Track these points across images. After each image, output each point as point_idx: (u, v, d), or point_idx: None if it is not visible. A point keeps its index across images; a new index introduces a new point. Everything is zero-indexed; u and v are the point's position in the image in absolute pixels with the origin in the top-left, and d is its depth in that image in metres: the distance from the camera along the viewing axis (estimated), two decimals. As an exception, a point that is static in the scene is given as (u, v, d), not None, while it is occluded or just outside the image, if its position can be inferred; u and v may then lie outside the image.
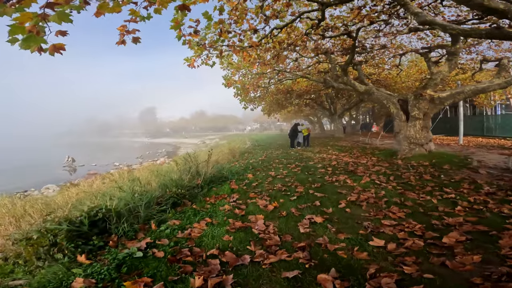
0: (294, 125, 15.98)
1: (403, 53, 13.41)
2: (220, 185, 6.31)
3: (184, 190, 5.12)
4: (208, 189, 5.92)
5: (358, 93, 11.57)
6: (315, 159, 9.95)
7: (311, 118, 41.25)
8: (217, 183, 6.47)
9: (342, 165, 8.36)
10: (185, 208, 4.60)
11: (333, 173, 7.07)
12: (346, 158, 9.75)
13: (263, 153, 13.13)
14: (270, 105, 19.90)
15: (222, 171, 7.32)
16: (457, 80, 15.98)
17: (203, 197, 5.29)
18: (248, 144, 24.22)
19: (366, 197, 4.70)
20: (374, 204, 4.38)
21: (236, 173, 7.57)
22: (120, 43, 4.41)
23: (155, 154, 33.91)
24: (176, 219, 4.09)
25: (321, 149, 13.57)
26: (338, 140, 20.72)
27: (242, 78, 12.05)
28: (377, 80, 16.88)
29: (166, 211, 4.39)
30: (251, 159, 11.11)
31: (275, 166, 8.66)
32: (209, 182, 6.30)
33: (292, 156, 11.05)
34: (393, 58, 14.71)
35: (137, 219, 4.06)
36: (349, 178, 6.35)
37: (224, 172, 7.31)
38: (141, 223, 4.00)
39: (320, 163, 8.81)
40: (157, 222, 4.03)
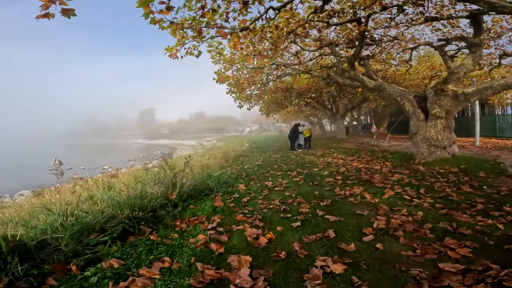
0: (294, 125, 14.64)
1: (414, 46, 12.08)
2: (201, 200, 4.95)
3: (144, 213, 3.73)
4: (184, 207, 4.55)
5: (367, 89, 10.25)
6: (319, 164, 8.59)
7: (311, 118, 39.93)
8: (198, 197, 5.10)
9: (352, 172, 6.99)
10: (139, 238, 3.22)
11: (344, 184, 5.70)
12: (355, 163, 8.38)
13: (260, 157, 11.77)
14: (269, 105, 18.52)
15: (207, 180, 5.95)
16: (471, 77, 14.66)
17: (172, 220, 3.92)
18: (245, 146, 22.85)
19: (399, 222, 3.34)
20: (416, 234, 3.02)
21: (225, 183, 6.19)
22: (42, 16, 3.13)
23: (149, 157, 32.50)
24: (119, 258, 2.73)
25: (325, 152, 12.21)
26: (341, 141, 19.37)
27: (236, 73, 10.70)
28: (383, 77, 15.54)
29: (107, 243, 3.01)
30: (246, 164, 9.75)
31: (273, 174, 7.29)
32: (186, 197, 4.93)
33: (293, 161, 9.69)
34: (402, 53, 13.38)
35: (59, 254, 2.70)
36: (366, 190, 4.98)
37: (210, 182, 5.94)
38: (62, 261, 2.64)
39: (326, 170, 7.45)
40: (86, 261, 2.66)
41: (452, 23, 10.28)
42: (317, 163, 8.69)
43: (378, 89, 9.69)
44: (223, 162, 10.64)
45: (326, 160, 9.35)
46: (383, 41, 11.32)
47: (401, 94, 9.21)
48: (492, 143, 13.66)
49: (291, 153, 12.81)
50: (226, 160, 11.01)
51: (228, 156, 11.62)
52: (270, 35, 8.38)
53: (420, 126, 8.54)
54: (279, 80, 15.99)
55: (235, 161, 11.18)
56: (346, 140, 21.07)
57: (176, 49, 6.95)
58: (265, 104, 18.83)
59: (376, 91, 9.80)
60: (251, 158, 11.86)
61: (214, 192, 5.40)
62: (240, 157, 12.43)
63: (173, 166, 5.60)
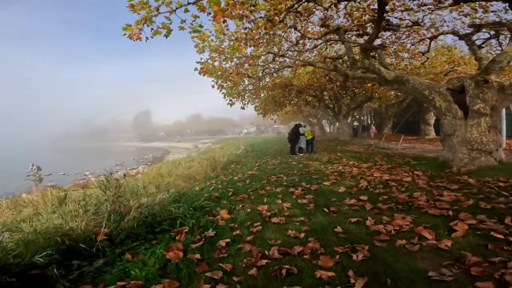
0: (295, 126, 12.78)
1: (435, 35, 10.28)
2: (151, 242, 3.04)
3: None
4: (114, 256, 2.65)
5: (384, 82, 8.42)
6: (329, 174, 6.71)
7: (310, 119, 38.10)
8: (148, 236, 3.20)
9: (379, 187, 5.13)
10: None
11: (376, 209, 3.83)
12: (376, 172, 6.52)
13: (255, 164, 9.89)
14: (265, 103, 16.65)
15: (172, 204, 4.03)
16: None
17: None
18: (241, 149, 20.96)
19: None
20: None
21: (200, 207, 4.30)
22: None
23: (139, 161, 30.49)
24: None
25: (331, 157, 10.35)
26: (345, 144, 17.53)
27: (225, 62, 8.81)
28: None
29: None
30: (237, 174, 7.87)
31: (270, 191, 5.39)
32: (125, 236, 3.03)
33: (295, 169, 7.81)
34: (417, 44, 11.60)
35: None
36: (417, 222, 3.11)
37: (178, 207, 4.02)
38: None
39: (341, 184, 5.58)
40: None
41: (485, 6, 8.51)
42: (326, 173, 6.81)
43: (399, 82, 7.87)
44: (209, 171, 8.73)
45: (336, 168, 7.48)
46: (401, 26, 9.53)
47: (429, 87, 7.41)
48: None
49: (292, 158, 10.94)
50: (213, 169, 9.09)
51: (216, 163, 9.67)
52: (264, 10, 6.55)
53: (457, 126, 6.71)
54: (277, 75, 14.14)
55: (225, 169, 9.29)
56: (350, 142, 19.24)
57: (138, 28, 5.09)
58: (261, 103, 16.95)
59: (396, 83, 7.98)
60: (244, 165, 9.99)
61: (178, 225, 3.50)
62: (231, 164, 10.54)
63: (117, 184, 3.69)
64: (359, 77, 9.55)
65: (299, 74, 14.73)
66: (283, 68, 11.27)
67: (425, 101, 7.69)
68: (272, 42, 9.77)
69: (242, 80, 10.51)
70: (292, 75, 13.83)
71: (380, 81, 8.58)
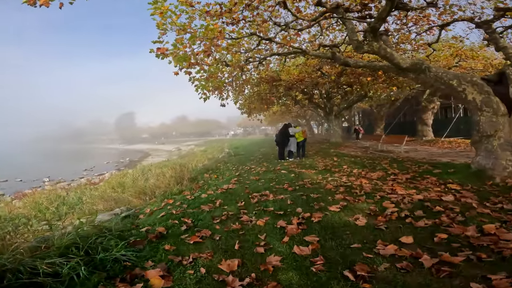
0: (284, 126, 10.96)
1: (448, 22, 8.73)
2: None
3: None
4: None
5: (397, 70, 6.72)
6: (331, 189, 4.89)
7: (299, 120, 36.54)
8: None
9: (418, 214, 3.33)
10: None
11: (446, 266, 2.00)
12: (397, 187, 4.75)
13: (236, 172, 7.98)
14: (250, 101, 14.73)
15: (61, 250, 2.04)
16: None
17: None
18: (224, 152, 18.97)
19: None
20: None
21: (111, 261, 2.34)
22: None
23: (113, 165, 27.84)
24: None
25: (327, 163, 8.60)
26: (338, 146, 15.91)
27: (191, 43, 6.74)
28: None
29: None
30: (207, 189, 5.90)
31: (247, 225, 3.50)
32: None
33: (285, 181, 5.95)
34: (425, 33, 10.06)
35: None
36: None
37: (69, 256, 2.03)
38: None
39: (356, 208, 3.75)
40: None
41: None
42: (329, 188, 4.97)
43: (416, 70, 6.19)
44: (173, 184, 6.68)
45: (340, 180, 5.68)
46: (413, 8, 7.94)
47: (457, 76, 5.78)
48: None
49: (280, 164, 9.09)
50: (178, 181, 7.03)
51: (183, 174, 7.52)
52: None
53: (499, 124, 5.08)
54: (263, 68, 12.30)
55: (195, 181, 7.29)
56: (343, 144, 17.66)
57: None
58: (245, 100, 15.03)
59: (413, 72, 6.29)
60: (222, 173, 8.05)
61: None
62: (206, 172, 8.55)
63: None
64: (363, 66, 7.83)
65: (288, 68, 12.96)
66: (270, 56, 9.42)
67: (452, 93, 6.04)
68: (255, 22, 7.95)
69: (217, 69, 8.60)
70: (280, 68, 12.04)
71: (391, 70, 6.88)
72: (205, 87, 8.52)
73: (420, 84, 6.40)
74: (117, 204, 6.80)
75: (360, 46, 6.79)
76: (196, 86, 8.42)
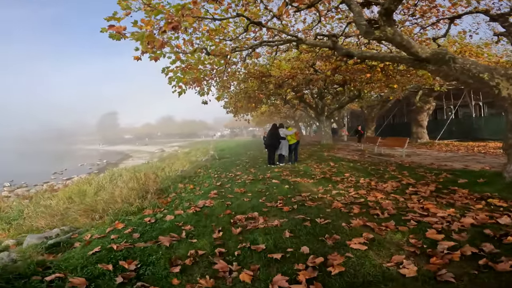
0: (273, 127, 9.71)
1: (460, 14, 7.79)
2: None
3: None
4: None
5: (413, 61, 5.62)
6: (341, 208, 3.66)
7: (288, 121, 35.50)
8: None
9: (487, 249, 2.13)
10: None
11: None
12: (427, 204, 3.58)
13: (218, 181, 6.63)
14: (236, 99, 13.35)
15: None
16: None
17: None
18: (208, 155, 17.51)
19: None
20: None
21: None
22: None
23: (87, 168, 25.66)
24: None
25: (323, 169, 7.42)
26: (330, 148, 14.85)
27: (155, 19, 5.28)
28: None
29: None
30: (176, 208, 4.52)
31: (224, 287, 2.19)
32: None
33: (277, 194, 4.68)
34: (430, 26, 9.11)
35: None
36: None
37: None
38: None
39: (390, 244, 2.51)
40: None
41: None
42: (337, 207, 3.73)
43: (438, 60, 5.09)
44: (134, 198, 5.20)
45: (347, 194, 4.47)
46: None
47: (489, 69, 4.75)
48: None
49: (270, 170, 7.83)
50: (143, 193, 5.52)
51: (148, 184, 6.03)
52: None
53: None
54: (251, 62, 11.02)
55: (165, 193, 5.86)
56: (335, 146, 16.64)
57: None
58: (231, 98, 13.67)
59: (434, 64, 5.19)
60: (201, 183, 6.68)
61: None
62: (183, 181, 7.13)
63: None
64: (370, 57, 6.70)
65: (278, 63, 11.73)
66: (260, 45, 8.14)
67: (482, 89, 4.97)
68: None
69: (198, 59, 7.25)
70: (270, 62, 10.79)
71: (404, 61, 5.76)
72: (181, 80, 7.13)
73: (441, 77, 5.35)
74: (63, 221, 5.32)
75: (369, 31, 5.61)
76: (170, 78, 7.02)
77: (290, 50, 10.79)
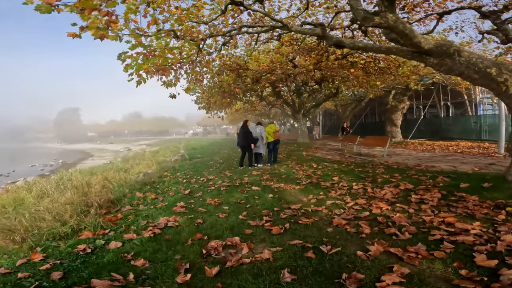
0: (244, 123, 8.72)
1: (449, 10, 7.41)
2: None
3: None
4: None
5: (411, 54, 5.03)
6: (347, 227, 2.86)
7: (262, 119, 34.82)
8: None
9: None
10: None
11: None
12: (449, 217, 2.91)
13: (186, 188, 5.56)
14: (210, 93, 12.19)
15: None
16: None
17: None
18: (180, 153, 16.12)
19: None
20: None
21: None
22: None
23: (38, 169, 22.73)
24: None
25: (308, 172, 6.70)
26: (308, 148, 14.32)
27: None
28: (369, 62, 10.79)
29: None
30: (127, 229, 3.42)
31: None
32: None
33: (261, 206, 3.79)
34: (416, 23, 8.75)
35: None
36: None
37: None
38: None
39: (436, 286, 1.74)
40: None
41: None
42: (340, 225, 2.94)
43: (442, 53, 4.54)
44: (71, 215, 3.96)
45: (345, 205, 3.72)
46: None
47: (496, 64, 4.30)
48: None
49: (248, 173, 6.92)
50: (84, 207, 4.26)
51: (90, 197, 4.70)
52: None
53: None
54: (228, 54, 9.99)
55: (116, 205, 4.66)
56: (312, 145, 16.17)
57: None
58: (203, 93, 12.50)
59: (436, 56, 4.64)
60: (166, 188, 5.56)
61: None
62: (142, 189, 5.94)
63: None
64: (363, 48, 6.01)
65: (257, 56, 10.80)
66: (239, 30, 7.12)
67: (489, 85, 4.47)
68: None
69: (166, 46, 6.12)
70: (249, 54, 9.83)
71: (401, 53, 5.16)
72: (141, 67, 5.93)
73: (443, 71, 4.79)
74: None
75: (368, 17, 4.90)
76: (128, 66, 5.79)
77: (270, 41, 9.94)
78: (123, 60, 5.93)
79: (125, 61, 5.94)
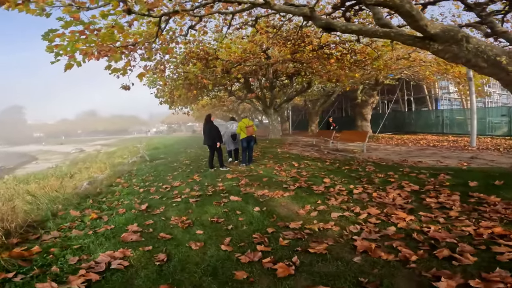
0: (207, 117, 7.44)
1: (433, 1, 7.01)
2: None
3: None
4: None
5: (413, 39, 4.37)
6: (382, 255, 2.01)
7: (230, 115, 33.52)
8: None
9: None
10: None
11: None
12: (497, 228, 2.22)
13: (145, 196, 4.34)
14: (173, 86, 10.70)
15: None
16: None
17: None
18: (139, 154, 14.32)
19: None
20: None
21: None
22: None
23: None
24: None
25: (291, 173, 5.89)
26: (281, 144, 13.58)
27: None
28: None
29: None
30: (42, 276, 2.20)
31: None
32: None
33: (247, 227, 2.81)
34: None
35: None
36: None
37: None
38: None
39: None
40: None
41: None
42: (369, 249, 2.08)
43: (449, 39, 3.94)
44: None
45: (356, 217, 2.89)
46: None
47: (507, 52, 3.81)
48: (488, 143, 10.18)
49: (222, 176, 5.87)
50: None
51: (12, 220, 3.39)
52: None
53: None
54: (196, 42, 8.71)
55: (37, 231, 3.32)
56: (285, 141, 15.51)
57: None
58: (164, 85, 10.99)
59: (442, 42, 4.03)
60: (115, 202, 4.28)
61: None
62: (82, 204, 4.55)
63: None
64: (357, 32, 5.22)
65: (228, 45, 9.65)
66: (211, 7, 5.92)
67: (498, 74, 3.98)
68: None
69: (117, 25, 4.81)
70: (220, 41, 8.67)
71: (401, 38, 4.49)
72: (75, 47, 4.49)
73: (448, 58, 4.22)
74: None
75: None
76: (57, 46, 4.33)
77: (244, 27, 8.88)
78: (51, 40, 4.46)
79: (53, 41, 4.49)
